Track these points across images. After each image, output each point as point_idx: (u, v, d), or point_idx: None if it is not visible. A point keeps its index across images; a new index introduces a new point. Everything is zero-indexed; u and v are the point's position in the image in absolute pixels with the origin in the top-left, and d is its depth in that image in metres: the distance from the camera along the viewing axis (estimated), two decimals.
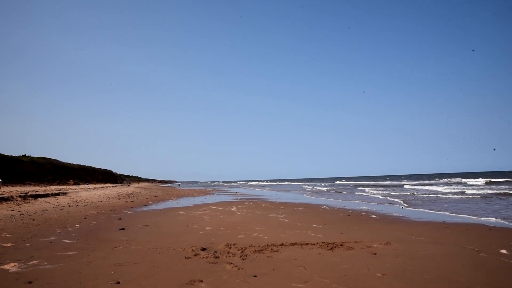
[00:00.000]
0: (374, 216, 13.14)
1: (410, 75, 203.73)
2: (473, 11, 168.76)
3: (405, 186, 43.71)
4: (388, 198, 24.29)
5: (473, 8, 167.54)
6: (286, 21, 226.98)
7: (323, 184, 68.29)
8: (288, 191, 43.29)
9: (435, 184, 46.34)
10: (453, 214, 13.33)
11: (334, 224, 10.87)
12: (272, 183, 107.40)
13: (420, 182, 59.10)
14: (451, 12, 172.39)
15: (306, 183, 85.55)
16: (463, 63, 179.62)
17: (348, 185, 61.61)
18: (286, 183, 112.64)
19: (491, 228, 9.72)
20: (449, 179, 65.41)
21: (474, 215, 12.85)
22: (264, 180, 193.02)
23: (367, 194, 29.51)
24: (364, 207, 17.06)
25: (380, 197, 25.79)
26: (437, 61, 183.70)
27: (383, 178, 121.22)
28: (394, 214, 13.83)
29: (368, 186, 50.86)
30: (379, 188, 41.28)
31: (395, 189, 38.51)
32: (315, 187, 52.78)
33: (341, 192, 34.86)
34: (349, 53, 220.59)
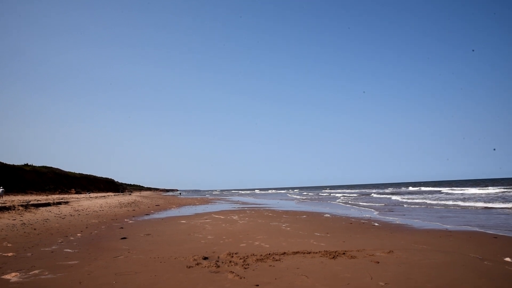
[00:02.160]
0: (376, 224, 13.07)
1: (410, 75, 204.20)
2: (473, 11, 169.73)
3: (373, 195, 46.45)
4: (355, 207, 24.80)
5: (473, 8, 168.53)
6: (286, 21, 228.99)
7: (304, 193, 70.56)
8: (281, 199, 43.21)
9: (407, 193, 47.43)
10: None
11: (337, 232, 10.81)
12: (262, 192, 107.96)
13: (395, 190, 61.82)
14: (451, 12, 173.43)
15: (294, 192, 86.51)
16: (463, 63, 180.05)
17: (329, 194, 63.55)
18: (281, 191, 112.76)
19: (495, 236, 9.65)
20: (432, 188, 66.12)
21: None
22: (256, 189, 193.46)
23: (337, 203, 30.93)
24: (366, 215, 16.97)
25: (350, 205, 26.78)
26: (437, 61, 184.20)
27: (377, 186, 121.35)
28: (397, 222, 13.75)
29: (346, 194, 54.96)
30: (361, 197, 42.57)
31: (376, 197, 40.09)
32: (297, 196, 55.96)
33: (313, 200, 37.27)
34: (349, 53, 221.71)
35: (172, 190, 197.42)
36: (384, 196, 41.83)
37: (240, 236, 10.01)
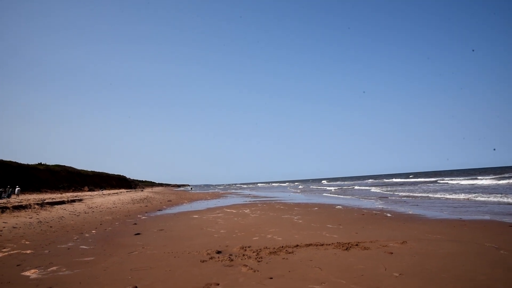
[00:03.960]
0: (389, 215, 12.98)
1: (410, 74, 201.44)
2: (473, 11, 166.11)
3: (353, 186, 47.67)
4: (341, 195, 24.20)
5: (473, 8, 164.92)
6: (286, 21, 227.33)
7: (300, 187, 71.03)
8: (286, 192, 43.20)
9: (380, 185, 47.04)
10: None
11: (349, 224, 10.77)
12: (266, 185, 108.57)
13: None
14: (451, 12, 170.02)
15: (295, 185, 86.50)
16: (463, 62, 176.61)
17: (326, 185, 65.50)
18: (282, 184, 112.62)
19: (511, 225, 9.49)
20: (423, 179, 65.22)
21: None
22: (258, 183, 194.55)
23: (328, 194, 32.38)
24: (379, 206, 16.87)
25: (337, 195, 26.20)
26: (437, 60, 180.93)
27: (376, 177, 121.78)
28: (409, 212, 13.64)
29: (344, 186, 56.23)
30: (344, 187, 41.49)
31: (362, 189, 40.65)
32: (293, 188, 58.84)
33: (312, 192, 39.24)
34: (349, 52, 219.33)
35: (184, 186, 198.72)
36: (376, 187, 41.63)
37: (252, 230, 10.06)
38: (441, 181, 45.99)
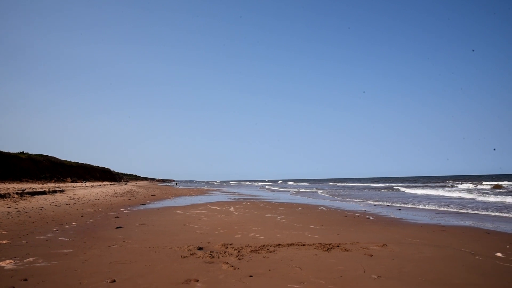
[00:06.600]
0: (371, 217, 13.16)
1: (409, 75, 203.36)
2: (473, 11, 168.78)
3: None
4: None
5: (473, 8, 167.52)
6: (286, 21, 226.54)
7: (267, 187, 70.88)
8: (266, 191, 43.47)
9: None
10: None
11: (331, 225, 10.88)
12: (248, 183, 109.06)
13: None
14: (451, 12, 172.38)
15: (263, 185, 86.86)
16: (463, 63, 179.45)
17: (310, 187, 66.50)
18: (257, 183, 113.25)
19: (487, 232, 9.75)
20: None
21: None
22: (231, 181, 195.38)
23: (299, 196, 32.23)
24: (362, 209, 17.08)
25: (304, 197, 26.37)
26: (436, 61, 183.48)
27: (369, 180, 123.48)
28: (391, 216, 13.86)
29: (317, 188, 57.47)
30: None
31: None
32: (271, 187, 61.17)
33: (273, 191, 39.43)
34: (349, 53, 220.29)
35: (169, 181, 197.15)
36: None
37: (235, 227, 10.06)
38: (395, 188, 47.12)
